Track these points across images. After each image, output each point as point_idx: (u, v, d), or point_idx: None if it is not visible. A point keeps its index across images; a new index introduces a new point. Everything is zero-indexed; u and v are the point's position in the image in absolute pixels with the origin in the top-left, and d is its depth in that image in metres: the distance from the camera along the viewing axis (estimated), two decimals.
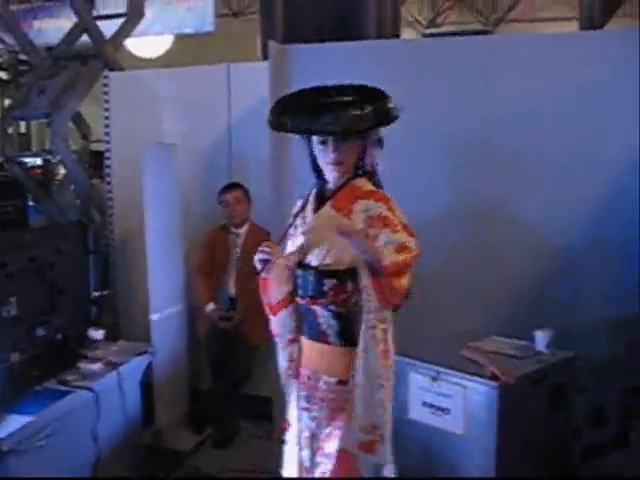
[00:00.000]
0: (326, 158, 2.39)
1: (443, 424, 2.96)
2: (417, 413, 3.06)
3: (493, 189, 3.94)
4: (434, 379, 2.99)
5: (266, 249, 2.36)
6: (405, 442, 3.07)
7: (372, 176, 2.47)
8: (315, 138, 2.40)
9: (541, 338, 3.15)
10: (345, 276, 2.33)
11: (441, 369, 2.98)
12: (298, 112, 2.34)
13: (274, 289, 2.48)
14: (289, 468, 2.58)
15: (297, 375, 2.52)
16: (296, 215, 2.52)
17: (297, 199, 2.58)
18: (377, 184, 2.47)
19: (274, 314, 2.52)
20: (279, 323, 2.53)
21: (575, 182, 3.83)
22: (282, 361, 2.59)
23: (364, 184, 2.43)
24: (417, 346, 3.20)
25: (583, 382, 3.43)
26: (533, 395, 2.98)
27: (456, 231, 3.96)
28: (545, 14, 12.54)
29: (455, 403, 2.92)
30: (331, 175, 2.44)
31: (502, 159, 3.93)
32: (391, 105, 2.36)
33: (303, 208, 2.50)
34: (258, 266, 2.40)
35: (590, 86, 3.77)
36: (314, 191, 2.51)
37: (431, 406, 3.00)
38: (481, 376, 2.87)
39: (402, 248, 2.23)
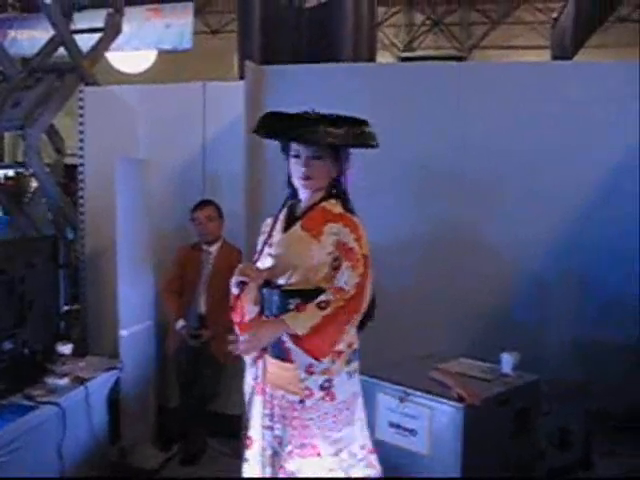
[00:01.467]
0: (297, 172, 2.44)
1: (409, 445, 2.98)
2: (384, 433, 3.07)
3: (462, 213, 4.02)
4: (401, 400, 3.01)
5: (246, 271, 2.41)
6: None
7: (345, 200, 2.51)
8: (291, 152, 2.45)
9: (507, 360, 3.20)
10: (310, 295, 2.34)
11: (408, 390, 3.00)
12: (279, 121, 2.41)
13: (247, 309, 2.51)
14: None
15: (262, 392, 2.53)
16: (266, 234, 2.55)
17: (267, 218, 2.61)
18: (349, 208, 2.50)
19: (245, 331, 2.52)
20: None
21: (542, 208, 3.92)
22: (249, 378, 2.61)
23: (335, 206, 2.46)
24: (384, 367, 3.23)
25: (547, 405, 3.48)
26: (498, 417, 3.02)
27: (425, 254, 4.02)
28: (519, 42, 12.79)
29: (421, 424, 2.94)
30: (303, 192, 2.48)
31: (472, 184, 4.01)
32: (366, 130, 2.41)
33: (273, 227, 2.53)
34: (235, 288, 2.44)
35: (560, 115, 3.87)
36: (285, 210, 2.55)
37: (398, 427, 3.03)
38: (447, 398, 2.90)
39: (337, 291, 2.29)
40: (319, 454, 2.40)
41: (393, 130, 3.67)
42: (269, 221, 2.58)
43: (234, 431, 4.15)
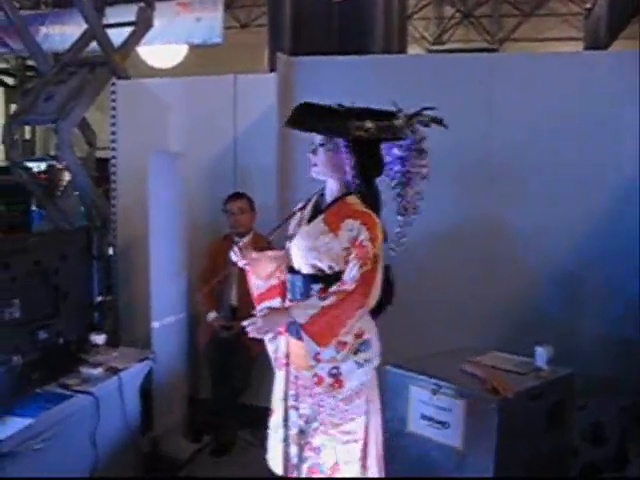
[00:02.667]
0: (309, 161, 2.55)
1: (442, 438, 2.96)
2: (416, 426, 3.06)
3: (492, 205, 3.98)
4: (434, 392, 2.99)
5: (236, 251, 2.63)
6: (403, 455, 3.09)
7: (363, 196, 2.51)
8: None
9: (541, 354, 3.16)
10: (332, 280, 2.43)
11: (441, 382, 2.98)
12: (310, 114, 2.47)
13: (252, 282, 2.72)
14: (274, 457, 2.71)
15: (285, 369, 2.64)
16: (293, 214, 2.66)
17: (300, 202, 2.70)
18: (371, 204, 2.51)
19: (257, 304, 2.73)
20: (261, 313, 2.62)
21: (576, 202, 3.87)
22: (270, 352, 2.77)
23: (356, 202, 2.50)
24: (418, 359, 3.21)
25: (582, 400, 3.44)
26: (532, 411, 2.98)
27: (458, 248, 3.99)
28: (551, 34, 12.62)
29: (454, 417, 2.92)
30: (328, 185, 2.57)
31: (503, 177, 3.97)
32: (395, 122, 2.43)
33: (302, 209, 2.64)
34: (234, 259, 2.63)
35: (592, 106, 3.81)
36: (314, 199, 2.63)
37: (430, 419, 3.01)
38: (481, 390, 2.88)
39: (341, 284, 2.37)
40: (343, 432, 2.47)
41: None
42: (301, 204, 2.67)
43: (264, 423, 4.16)
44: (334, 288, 2.38)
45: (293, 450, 2.58)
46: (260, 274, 2.70)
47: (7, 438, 2.58)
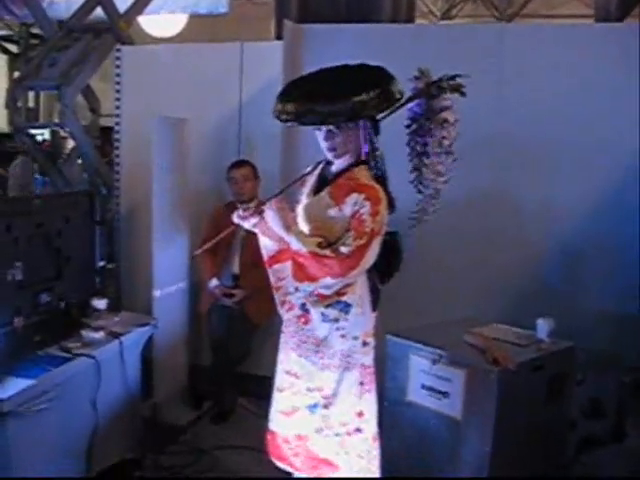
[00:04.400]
0: (322, 144, 2.52)
1: (441, 407, 2.97)
2: (416, 395, 3.07)
3: (498, 178, 3.96)
4: (434, 362, 3.00)
5: (240, 213, 2.63)
6: (403, 424, 3.11)
7: (373, 165, 2.50)
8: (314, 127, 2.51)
9: (543, 326, 3.16)
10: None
11: (442, 352, 2.99)
12: (296, 100, 2.45)
13: (262, 244, 2.71)
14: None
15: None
16: (303, 180, 2.68)
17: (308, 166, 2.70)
18: (378, 175, 2.49)
19: (269, 266, 2.72)
20: (274, 276, 2.72)
21: (582, 175, 3.85)
22: (284, 316, 2.72)
23: (363, 174, 2.48)
24: (419, 329, 3.21)
25: (581, 374, 3.45)
26: (532, 383, 2.99)
27: (462, 219, 3.97)
28: (560, 10, 12.45)
29: (454, 387, 2.93)
30: (332, 159, 2.54)
31: (510, 149, 3.94)
32: (394, 88, 2.40)
33: (308, 175, 2.66)
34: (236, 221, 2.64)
35: (603, 78, 3.76)
36: (320, 167, 2.63)
37: (430, 389, 3.02)
38: (481, 361, 2.88)
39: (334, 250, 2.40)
40: (290, 373, 2.61)
41: None
42: (309, 169, 2.68)
43: (264, 392, 4.17)
44: (326, 248, 2.42)
45: None
46: (271, 236, 2.64)
47: (8, 398, 2.58)
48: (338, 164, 2.53)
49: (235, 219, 2.63)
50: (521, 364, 2.89)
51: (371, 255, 2.41)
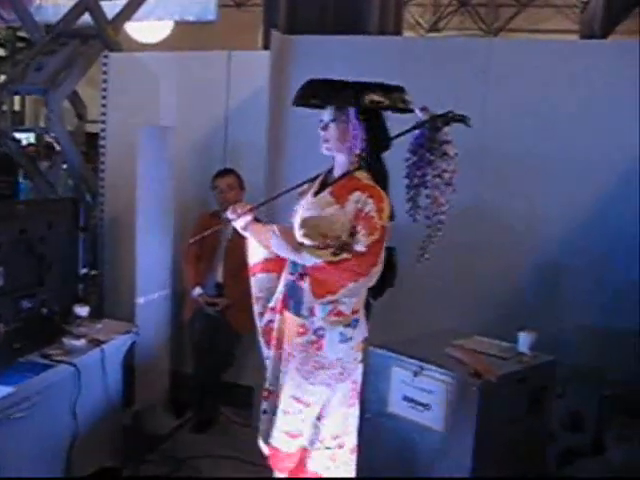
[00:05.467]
0: (321, 137, 2.55)
1: (423, 419, 2.97)
2: (397, 407, 3.07)
3: (484, 193, 3.97)
4: (416, 374, 3.00)
5: (237, 210, 2.56)
6: (384, 435, 3.11)
7: (375, 172, 2.52)
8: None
9: (524, 339, 3.18)
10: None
11: (424, 364, 2.99)
12: (322, 89, 2.52)
13: (250, 251, 2.68)
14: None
15: (279, 348, 2.58)
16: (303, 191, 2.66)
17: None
18: (379, 180, 2.51)
19: (252, 275, 2.70)
20: (256, 285, 2.70)
21: (567, 189, 3.86)
22: (258, 328, 2.75)
23: (365, 177, 2.50)
24: (400, 341, 3.22)
25: (560, 388, 3.47)
26: (513, 395, 3.00)
27: (446, 232, 3.97)
28: (546, 25, 12.59)
29: (436, 399, 2.93)
30: (337, 159, 2.57)
31: (494, 163, 3.96)
32: (404, 96, 2.48)
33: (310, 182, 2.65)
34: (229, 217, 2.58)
35: (589, 94, 3.80)
36: (322, 176, 2.64)
37: (412, 401, 3.02)
38: (463, 373, 2.89)
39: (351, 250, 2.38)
40: (298, 400, 2.50)
41: (418, 105, 3.64)
42: (311, 177, 2.67)
43: (246, 401, 4.18)
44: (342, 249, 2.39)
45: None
46: (261, 240, 2.61)
47: None
48: (340, 167, 2.56)
49: (229, 215, 2.58)
50: (502, 377, 2.90)
51: (383, 252, 2.42)
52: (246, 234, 2.63)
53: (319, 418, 2.53)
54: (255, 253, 2.69)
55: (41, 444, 2.89)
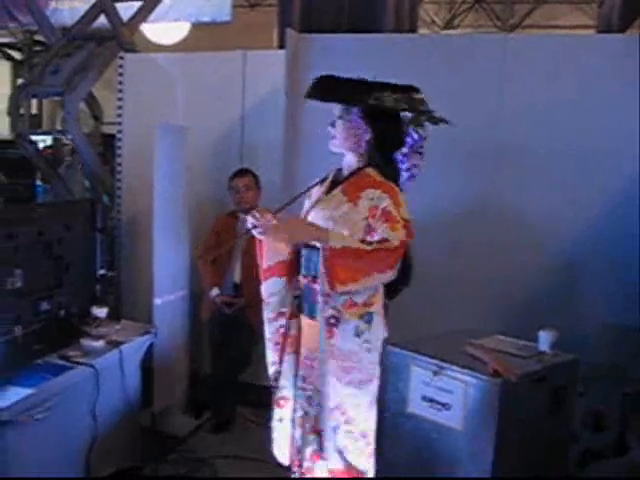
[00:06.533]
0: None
1: (442, 419, 2.94)
2: (416, 407, 3.04)
3: (502, 191, 3.95)
4: (435, 373, 2.97)
5: (256, 215, 2.44)
6: (403, 435, 3.07)
7: (384, 168, 2.49)
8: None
9: (545, 338, 3.13)
10: None
11: (443, 364, 2.95)
12: (336, 85, 2.48)
13: (266, 254, 2.59)
14: (281, 447, 2.63)
15: (296, 351, 2.56)
16: (309, 191, 2.65)
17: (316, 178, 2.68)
18: (389, 176, 2.48)
19: (265, 279, 2.62)
20: (267, 290, 2.62)
21: (584, 186, 3.84)
22: (268, 333, 2.68)
23: (376, 174, 2.47)
24: (420, 340, 3.19)
25: (583, 387, 3.43)
26: (534, 395, 2.96)
27: (464, 230, 3.97)
28: (562, 21, 12.48)
29: (455, 398, 2.89)
30: (346, 158, 2.55)
31: (512, 161, 3.94)
32: (416, 96, 2.43)
33: (320, 184, 2.63)
34: (249, 227, 2.48)
35: (605, 89, 3.76)
36: (332, 175, 2.61)
37: (431, 400, 2.98)
38: (483, 372, 2.86)
39: (383, 242, 2.33)
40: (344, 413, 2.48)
41: (434, 102, 3.62)
42: (317, 180, 2.66)
43: (264, 401, 4.16)
44: (374, 240, 2.35)
45: (297, 433, 2.56)
46: (275, 247, 2.58)
47: (8, 407, 2.57)
48: (349, 166, 2.54)
49: (249, 223, 2.49)
50: (523, 376, 2.85)
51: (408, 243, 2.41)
52: (263, 238, 2.55)
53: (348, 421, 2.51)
54: (270, 256, 2.62)
55: (60, 445, 2.90)
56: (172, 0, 8.63)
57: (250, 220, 2.46)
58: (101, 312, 3.42)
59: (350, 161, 2.53)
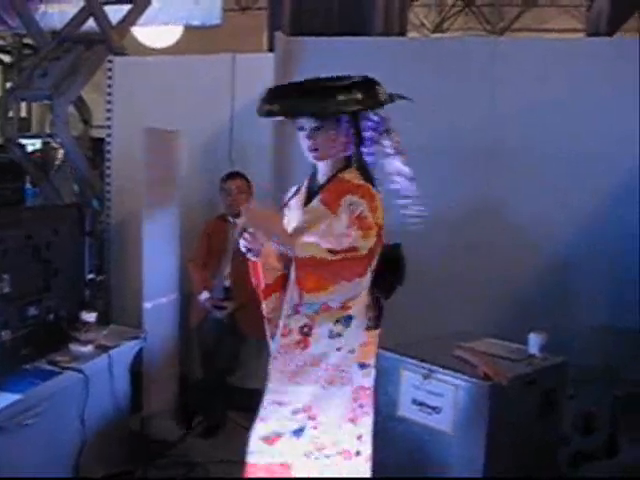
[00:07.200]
0: (304, 144, 2.43)
1: (433, 422, 2.95)
2: (407, 410, 3.05)
3: (492, 190, 3.97)
4: (425, 377, 2.98)
5: (247, 237, 2.35)
6: (393, 439, 3.08)
7: (363, 170, 2.47)
8: (296, 125, 2.44)
9: (535, 341, 3.15)
10: None
11: (433, 367, 2.97)
12: (280, 97, 2.42)
13: (264, 274, 2.50)
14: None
15: None
16: (286, 204, 2.56)
17: (291, 187, 2.62)
18: (369, 178, 2.46)
19: (264, 298, 2.54)
20: (269, 306, 2.54)
21: (575, 188, 3.85)
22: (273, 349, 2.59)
23: (354, 177, 2.42)
24: (410, 344, 3.19)
25: (573, 389, 3.43)
26: (524, 398, 2.97)
27: (456, 232, 3.97)
28: (552, 25, 12.54)
29: (445, 402, 2.91)
30: (320, 164, 2.47)
31: (503, 162, 3.95)
32: (378, 89, 2.37)
33: (292, 198, 2.54)
34: (243, 251, 2.40)
35: (594, 92, 3.78)
36: (306, 182, 2.54)
37: (421, 404, 2.99)
38: (473, 376, 2.86)
39: (350, 249, 2.24)
40: (280, 403, 2.38)
41: (424, 105, 3.62)
42: (293, 189, 2.59)
43: (254, 406, 4.14)
44: (345, 246, 2.25)
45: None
46: (269, 265, 2.50)
47: None
48: (324, 171, 2.46)
49: (242, 247, 2.40)
50: (513, 379, 2.87)
51: (378, 251, 2.34)
52: (257, 260, 2.45)
53: (315, 427, 2.39)
54: (269, 275, 2.51)
55: (49, 451, 2.89)
56: (162, 3, 8.56)
57: (242, 243, 2.38)
58: (90, 317, 3.40)
59: (325, 167, 2.45)
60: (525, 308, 3.85)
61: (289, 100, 2.38)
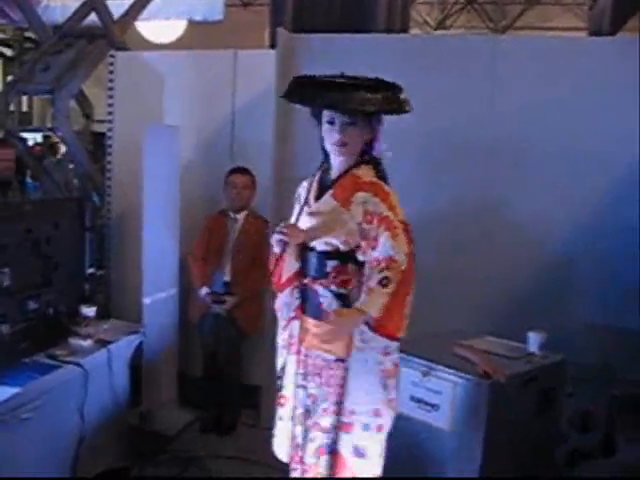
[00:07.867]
0: (331, 138, 2.43)
1: (432, 419, 2.95)
2: (406, 407, 3.04)
3: (494, 190, 3.95)
4: (425, 374, 2.98)
5: (284, 230, 2.39)
6: (392, 435, 3.07)
7: (376, 165, 2.48)
8: (324, 118, 2.43)
9: (534, 339, 3.15)
10: (347, 258, 2.40)
11: (432, 365, 2.97)
12: (312, 86, 2.39)
13: (286, 267, 2.53)
14: (281, 444, 2.61)
15: (297, 352, 2.54)
16: (303, 199, 2.56)
17: (302, 181, 2.62)
18: (381, 174, 2.48)
19: (281, 291, 2.58)
20: (283, 301, 2.58)
21: (575, 187, 3.84)
22: (281, 341, 2.64)
23: (366, 173, 2.45)
24: (409, 341, 3.18)
25: (571, 387, 3.44)
26: (522, 396, 2.98)
27: (455, 231, 3.97)
28: (554, 23, 12.53)
29: (444, 399, 2.91)
30: (336, 159, 2.48)
31: (504, 160, 3.94)
32: (403, 96, 2.39)
33: (308, 192, 2.54)
34: (276, 247, 2.42)
35: (595, 91, 3.78)
36: (317, 176, 2.55)
37: (420, 401, 3.00)
38: (472, 373, 2.87)
39: (390, 263, 2.29)
40: (353, 412, 2.43)
41: (425, 102, 3.62)
42: (305, 184, 2.59)
43: (253, 401, 4.16)
44: (386, 273, 2.29)
45: (298, 430, 2.54)
46: (293, 257, 2.53)
47: None
48: (339, 167, 2.47)
49: (276, 240, 2.41)
50: (511, 377, 2.88)
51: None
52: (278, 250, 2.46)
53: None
54: (288, 269, 2.54)
55: (48, 445, 2.88)
56: None
57: (276, 237, 2.40)
58: (90, 311, 3.40)
59: (341, 163, 2.47)
60: (524, 306, 3.85)
61: (330, 93, 2.33)
